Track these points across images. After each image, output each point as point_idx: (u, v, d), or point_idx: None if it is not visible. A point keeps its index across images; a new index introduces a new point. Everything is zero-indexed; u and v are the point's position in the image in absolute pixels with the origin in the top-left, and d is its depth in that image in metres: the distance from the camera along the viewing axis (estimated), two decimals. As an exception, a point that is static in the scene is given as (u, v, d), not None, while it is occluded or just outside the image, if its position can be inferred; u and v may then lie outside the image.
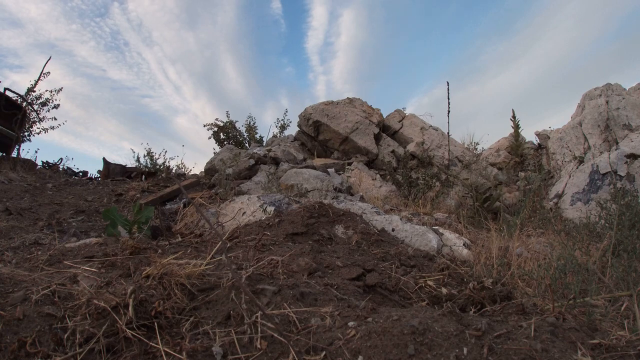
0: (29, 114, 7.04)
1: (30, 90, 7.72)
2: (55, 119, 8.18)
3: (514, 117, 9.19)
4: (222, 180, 5.91)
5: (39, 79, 7.79)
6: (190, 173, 8.49)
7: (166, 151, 9.88)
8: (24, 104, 7.21)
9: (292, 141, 9.16)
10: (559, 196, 6.45)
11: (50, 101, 8.03)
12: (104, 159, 7.55)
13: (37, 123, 7.94)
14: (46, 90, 8.00)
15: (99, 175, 7.58)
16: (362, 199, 5.66)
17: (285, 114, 10.09)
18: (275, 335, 1.41)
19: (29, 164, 6.79)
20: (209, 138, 9.75)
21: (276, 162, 7.31)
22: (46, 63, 7.94)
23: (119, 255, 2.06)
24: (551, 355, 1.25)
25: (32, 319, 1.31)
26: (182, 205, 4.87)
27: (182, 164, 8.75)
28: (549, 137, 8.58)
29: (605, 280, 2.58)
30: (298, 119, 8.94)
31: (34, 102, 7.78)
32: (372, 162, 8.33)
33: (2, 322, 1.26)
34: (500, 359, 1.21)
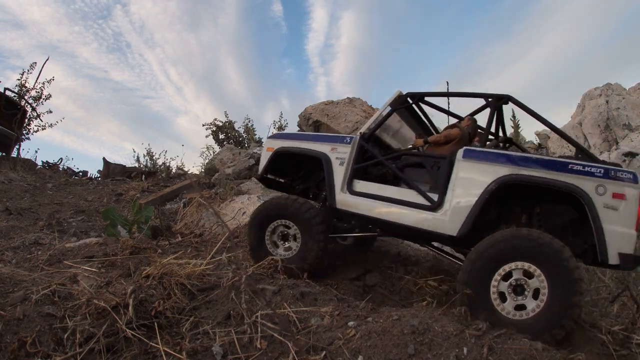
0: (25, 109, 6.97)
1: (23, 85, 7.63)
2: (50, 111, 8.08)
3: (513, 117, 9.18)
4: (222, 180, 5.91)
5: (38, 77, 7.74)
6: (190, 173, 8.48)
7: (166, 151, 9.84)
8: (22, 100, 7.16)
9: (292, 141, 9.11)
10: (559, 196, 6.45)
11: (42, 93, 7.89)
12: (104, 158, 7.54)
13: (34, 120, 7.84)
14: (37, 83, 7.83)
15: (99, 175, 7.57)
16: (362, 198, 5.64)
17: (280, 116, 10.07)
18: (275, 335, 1.41)
19: (29, 164, 6.77)
20: (207, 137, 9.73)
21: (276, 162, 7.28)
22: (44, 64, 7.87)
23: (119, 255, 2.06)
24: (552, 354, 1.25)
25: (32, 318, 1.31)
26: (182, 205, 4.86)
27: (183, 164, 8.74)
28: (549, 137, 8.57)
29: (605, 280, 2.58)
30: (298, 119, 8.92)
31: (30, 99, 7.69)
32: (372, 162, 8.30)
33: (2, 322, 1.26)
34: (500, 358, 1.21)
